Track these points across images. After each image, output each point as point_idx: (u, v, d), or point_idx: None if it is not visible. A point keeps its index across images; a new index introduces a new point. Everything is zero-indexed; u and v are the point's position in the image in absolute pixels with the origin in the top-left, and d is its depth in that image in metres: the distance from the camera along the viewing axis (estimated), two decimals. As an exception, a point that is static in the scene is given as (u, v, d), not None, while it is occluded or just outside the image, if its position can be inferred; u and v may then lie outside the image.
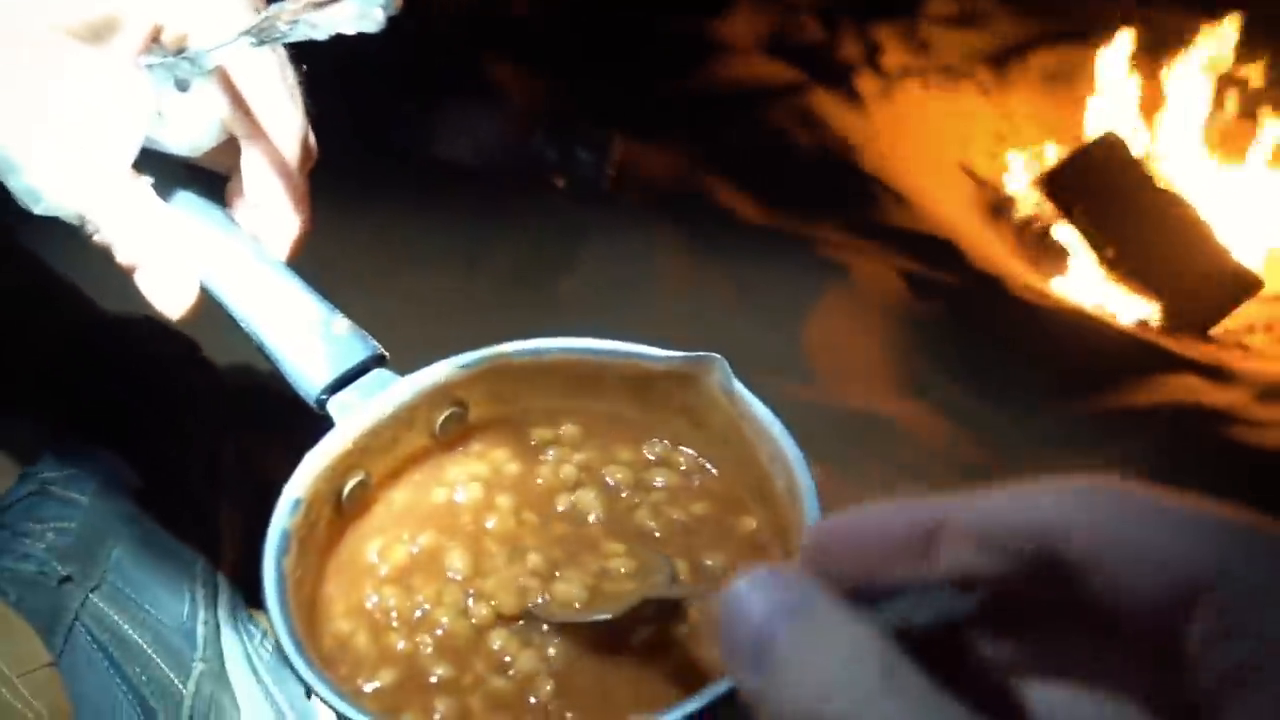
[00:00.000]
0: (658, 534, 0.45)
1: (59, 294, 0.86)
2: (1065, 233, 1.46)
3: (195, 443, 0.69)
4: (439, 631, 0.41)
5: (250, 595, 0.69)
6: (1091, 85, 1.60)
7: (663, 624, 0.41)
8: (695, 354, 0.45)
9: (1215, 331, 1.38)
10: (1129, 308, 1.40)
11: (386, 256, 1.09)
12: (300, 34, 0.42)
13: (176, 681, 0.56)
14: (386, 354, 0.47)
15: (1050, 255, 1.44)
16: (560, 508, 0.45)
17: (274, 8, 0.43)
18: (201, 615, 0.59)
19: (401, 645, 0.41)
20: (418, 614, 0.42)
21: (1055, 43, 1.68)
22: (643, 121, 1.34)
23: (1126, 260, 1.42)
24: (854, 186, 1.39)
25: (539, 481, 0.46)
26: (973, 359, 1.10)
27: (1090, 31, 1.64)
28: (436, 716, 0.39)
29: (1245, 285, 1.42)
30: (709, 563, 0.44)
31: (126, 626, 0.56)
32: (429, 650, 0.41)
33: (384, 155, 1.22)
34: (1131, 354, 1.19)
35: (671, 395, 0.46)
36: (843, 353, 1.08)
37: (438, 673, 0.40)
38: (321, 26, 0.42)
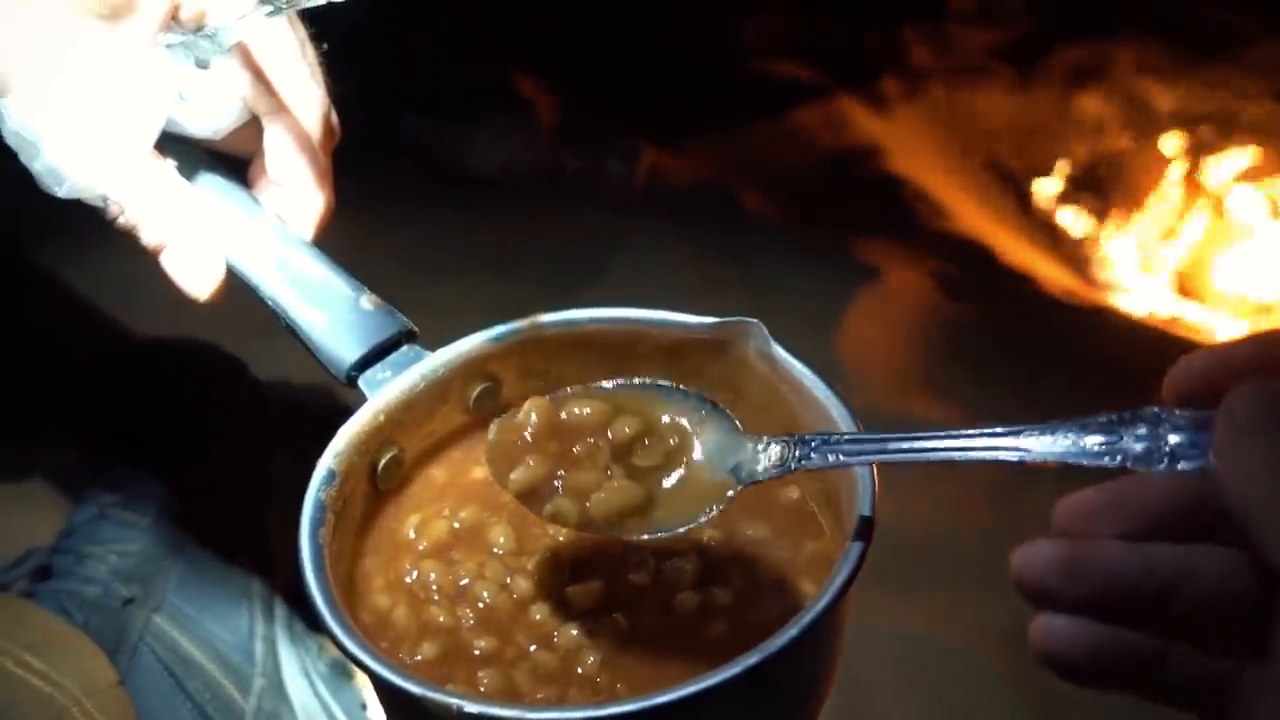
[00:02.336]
0: None
1: (103, 318, 0.88)
2: (1097, 231, 1.46)
3: (245, 460, 0.71)
4: (480, 605, 0.41)
5: (305, 609, 0.70)
6: (1119, 82, 1.59)
7: (707, 590, 0.41)
8: (730, 319, 0.44)
9: (1254, 323, 1.37)
10: (1163, 306, 1.39)
11: (419, 268, 1.10)
12: None
13: (239, 697, 0.57)
14: (416, 329, 0.46)
15: (1082, 254, 1.44)
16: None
17: None
18: (260, 631, 0.61)
19: (443, 619, 0.41)
20: (460, 586, 0.41)
21: (1081, 39, 1.67)
22: (669, 130, 1.35)
23: (1161, 259, 1.42)
24: (882, 189, 1.39)
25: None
26: (1005, 360, 1.09)
27: (1117, 27, 1.63)
28: (482, 688, 0.39)
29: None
30: (750, 533, 0.43)
31: (188, 645, 0.57)
32: (471, 623, 0.40)
33: (418, 171, 1.24)
34: (1165, 353, 1.19)
35: (706, 364, 0.45)
36: (874, 356, 1.08)
37: (480, 645, 0.40)
38: None
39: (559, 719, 0.35)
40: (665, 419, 0.40)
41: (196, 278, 0.47)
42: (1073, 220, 1.47)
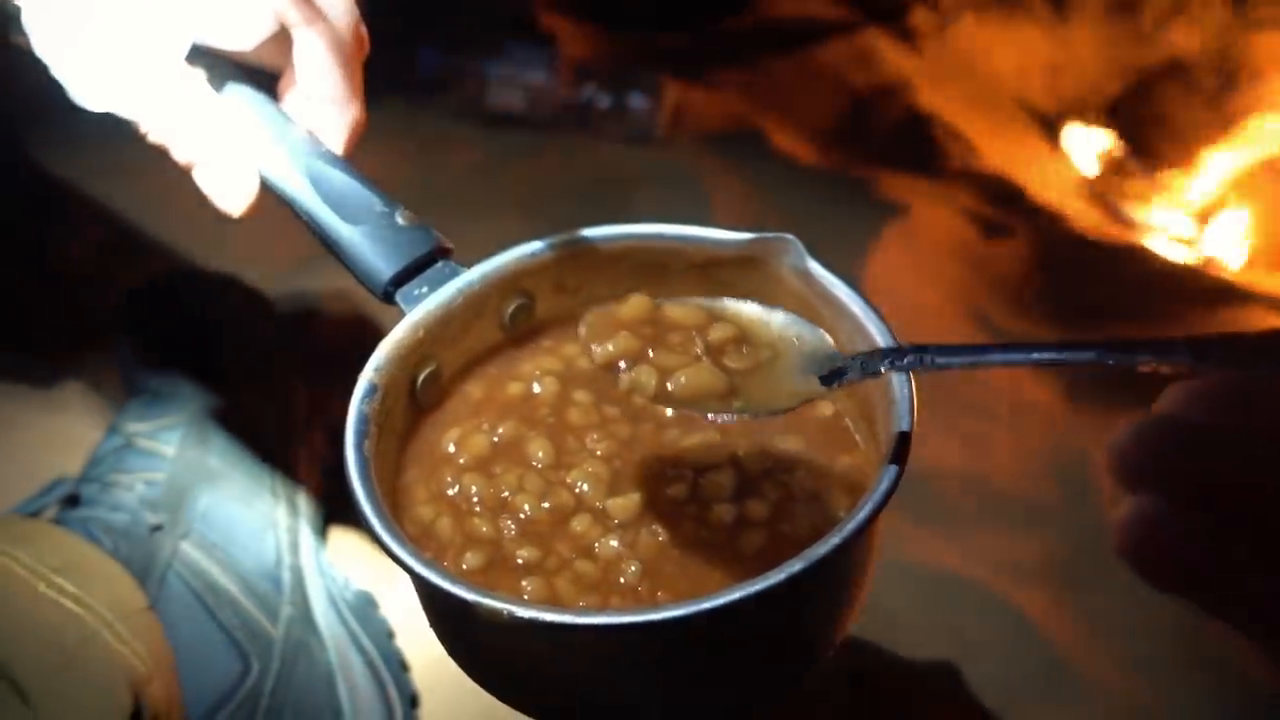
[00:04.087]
0: (730, 428, 0.44)
1: (142, 246, 0.88)
2: (1130, 166, 1.43)
3: (268, 393, 0.71)
4: (522, 516, 0.41)
5: (330, 540, 0.70)
6: (1153, 14, 1.55)
7: (743, 503, 0.41)
8: (764, 234, 0.44)
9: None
10: (1197, 240, 1.37)
11: (443, 205, 1.09)
12: None
13: (267, 624, 0.57)
14: (451, 246, 0.46)
15: (1115, 189, 1.41)
16: (641, 403, 0.44)
17: None
18: (287, 561, 0.61)
19: (485, 530, 0.41)
20: (501, 498, 0.42)
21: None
22: (695, 66, 1.33)
23: (1196, 193, 1.39)
24: (910, 126, 1.37)
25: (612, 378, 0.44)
26: (1037, 295, 1.08)
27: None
28: (525, 596, 0.39)
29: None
30: (784, 448, 0.43)
31: (216, 573, 0.57)
32: (513, 533, 0.41)
33: (441, 106, 1.22)
34: (1199, 286, 1.17)
35: (740, 280, 0.45)
36: (904, 291, 1.07)
37: (523, 555, 0.40)
38: None
39: (605, 623, 0.35)
40: (762, 333, 0.40)
41: (231, 194, 0.46)
42: (1103, 158, 1.44)
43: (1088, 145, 1.46)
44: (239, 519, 0.61)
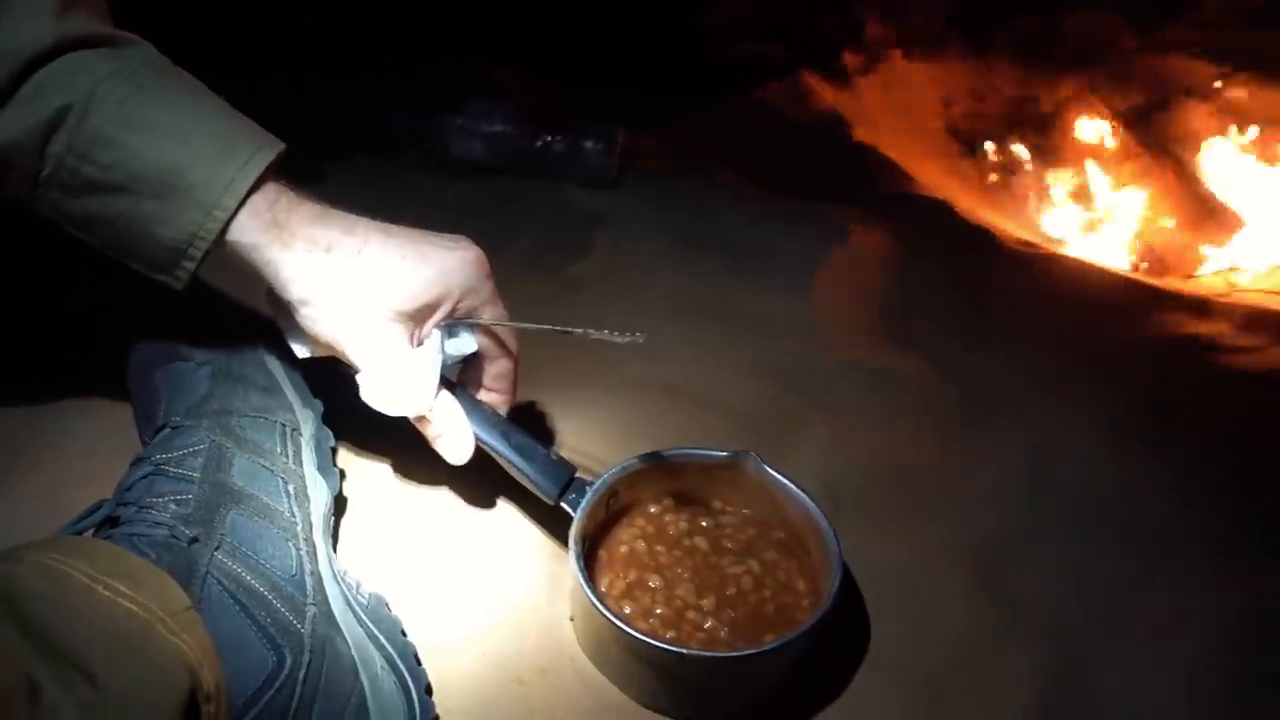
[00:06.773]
0: (735, 547, 0.79)
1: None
2: (1052, 185, 1.54)
3: (272, 420, 0.77)
4: (659, 612, 0.74)
5: (338, 551, 0.77)
6: (1068, 49, 1.67)
7: (760, 591, 0.77)
8: (736, 450, 0.79)
9: (1200, 271, 1.46)
10: (1116, 252, 1.47)
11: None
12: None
13: (295, 622, 0.64)
14: (577, 468, 0.78)
15: (1037, 207, 1.52)
16: (688, 544, 0.79)
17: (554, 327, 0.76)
18: (307, 568, 0.67)
19: (642, 625, 0.73)
20: (645, 608, 0.74)
21: (1031, 9, 1.75)
22: (644, 112, 1.42)
23: (1114, 207, 1.50)
24: (846, 158, 1.47)
25: (670, 533, 0.80)
26: (964, 309, 1.17)
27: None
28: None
29: (1228, 224, 1.50)
30: (765, 556, 0.79)
31: (248, 577, 0.64)
32: (656, 625, 0.74)
33: (407, 158, 1.30)
34: (1119, 295, 1.26)
35: (723, 475, 0.80)
36: (845, 311, 1.15)
37: (668, 634, 0.73)
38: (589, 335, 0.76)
39: (734, 656, 0.69)
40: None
41: (460, 454, 0.76)
42: (1022, 177, 1.55)
43: (1008, 167, 1.56)
44: (263, 532, 0.67)
